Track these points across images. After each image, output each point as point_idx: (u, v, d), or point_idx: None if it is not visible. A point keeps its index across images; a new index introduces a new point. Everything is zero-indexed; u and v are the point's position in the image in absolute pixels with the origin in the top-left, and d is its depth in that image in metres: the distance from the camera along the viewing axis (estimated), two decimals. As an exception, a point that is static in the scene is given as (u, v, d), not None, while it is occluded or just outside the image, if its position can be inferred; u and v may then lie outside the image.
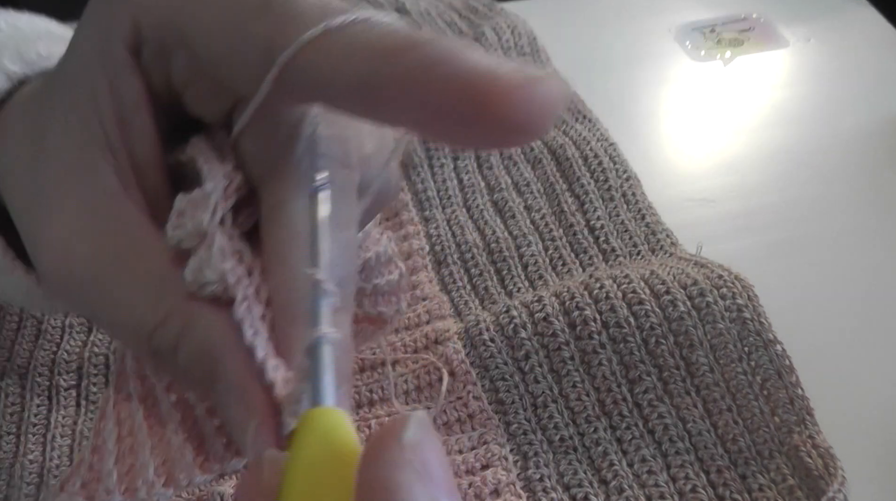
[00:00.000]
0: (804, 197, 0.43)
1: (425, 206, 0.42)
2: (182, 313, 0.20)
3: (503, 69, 0.16)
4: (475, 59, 0.16)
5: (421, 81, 0.17)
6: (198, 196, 0.20)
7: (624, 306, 0.32)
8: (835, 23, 0.56)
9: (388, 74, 0.17)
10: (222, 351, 0.20)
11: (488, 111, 0.16)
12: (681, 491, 0.29)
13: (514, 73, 0.16)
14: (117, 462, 0.21)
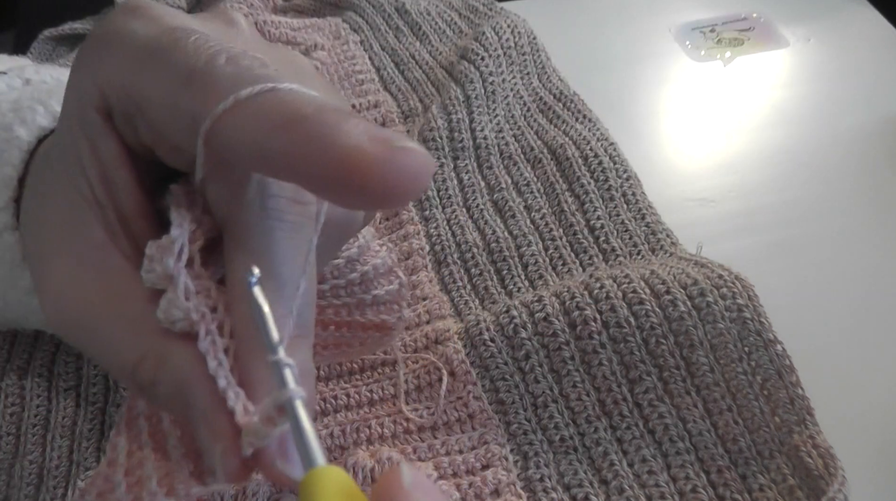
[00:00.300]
0: (804, 197, 0.43)
1: (425, 206, 0.42)
2: (157, 351, 0.22)
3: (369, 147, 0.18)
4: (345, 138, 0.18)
5: (301, 156, 0.18)
6: (165, 242, 0.22)
7: (624, 306, 0.32)
8: (835, 23, 0.56)
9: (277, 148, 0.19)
10: (191, 382, 0.21)
11: (355, 185, 0.18)
12: (681, 491, 0.29)
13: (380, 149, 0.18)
14: (126, 475, 0.23)
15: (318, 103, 0.19)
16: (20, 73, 0.35)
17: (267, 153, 0.19)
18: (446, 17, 0.56)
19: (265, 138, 0.19)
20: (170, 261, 0.22)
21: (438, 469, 0.30)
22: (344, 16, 0.58)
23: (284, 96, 0.20)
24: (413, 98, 0.50)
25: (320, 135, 0.18)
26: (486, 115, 0.46)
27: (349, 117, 0.19)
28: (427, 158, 0.18)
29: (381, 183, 0.18)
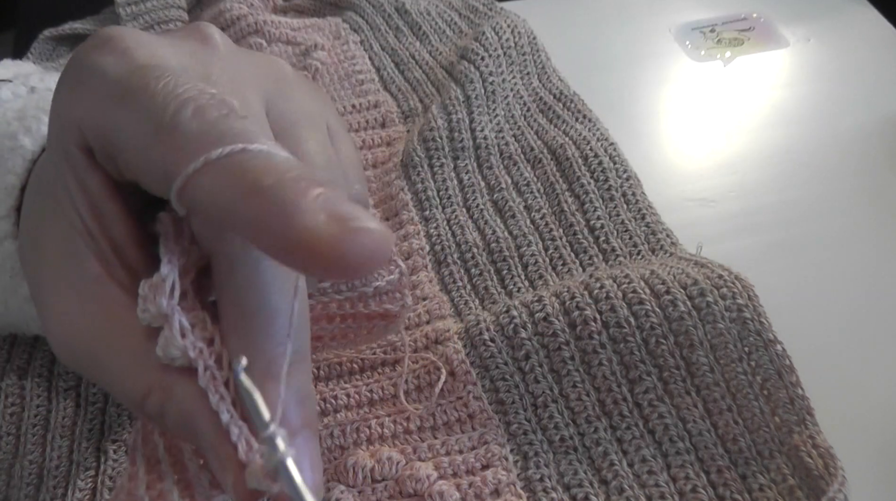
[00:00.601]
0: (804, 197, 0.43)
1: (425, 206, 0.42)
2: (161, 386, 0.22)
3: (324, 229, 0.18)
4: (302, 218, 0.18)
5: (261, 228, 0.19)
6: (156, 281, 0.22)
7: (624, 306, 0.32)
8: (835, 23, 0.56)
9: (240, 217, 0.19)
10: (197, 417, 0.22)
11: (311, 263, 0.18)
12: (681, 491, 0.29)
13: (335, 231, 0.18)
14: (148, 489, 0.24)
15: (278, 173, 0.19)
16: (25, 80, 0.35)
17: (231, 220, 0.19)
18: (446, 17, 0.56)
19: (230, 205, 0.19)
20: (162, 301, 0.22)
21: (438, 469, 0.30)
22: (344, 16, 0.58)
23: (248, 162, 0.19)
24: (413, 98, 0.50)
25: (278, 212, 0.18)
26: (486, 115, 0.46)
27: (308, 189, 0.19)
28: (383, 236, 0.18)
29: (338, 262, 0.18)
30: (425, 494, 0.29)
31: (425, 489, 0.29)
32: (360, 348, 0.35)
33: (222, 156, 0.20)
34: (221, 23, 0.54)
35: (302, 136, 0.26)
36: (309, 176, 0.19)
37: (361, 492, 0.30)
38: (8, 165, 0.30)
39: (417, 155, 0.44)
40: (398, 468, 0.30)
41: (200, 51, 0.26)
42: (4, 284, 0.31)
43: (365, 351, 0.35)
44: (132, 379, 0.23)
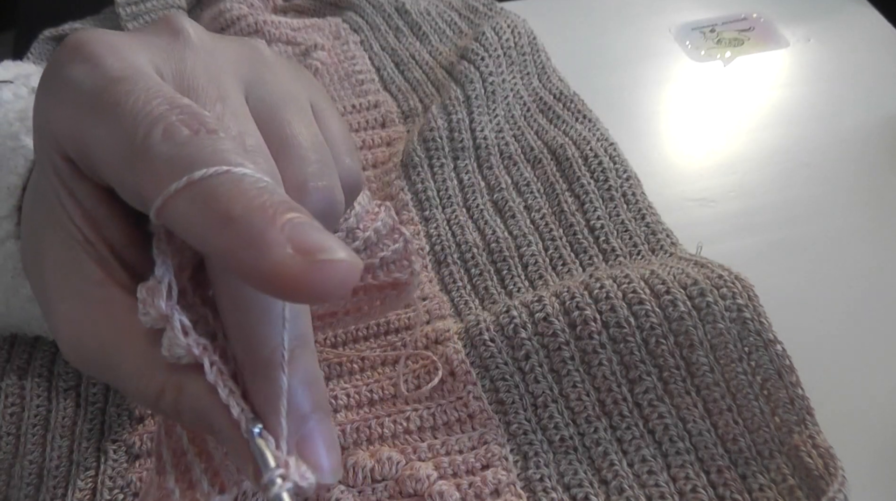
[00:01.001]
0: (804, 197, 0.43)
1: (425, 206, 0.42)
2: (172, 385, 0.23)
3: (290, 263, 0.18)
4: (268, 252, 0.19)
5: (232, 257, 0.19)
6: (152, 284, 0.22)
7: (624, 306, 0.32)
8: (835, 23, 0.56)
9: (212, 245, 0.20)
10: (211, 411, 0.22)
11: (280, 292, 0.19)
12: (681, 491, 0.29)
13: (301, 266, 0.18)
14: (178, 481, 0.24)
15: (246, 200, 0.20)
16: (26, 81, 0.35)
17: (205, 246, 0.20)
18: (446, 17, 0.56)
19: (202, 233, 0.20)
20: (161, 302, 0.22)
21: (438, 469, 0.30)
22: (344, 16, 0.58)
23: (217, 189, 0.20)
24: (413, 98, 0.50)
25: (247, 246, 0.19)
26: (486, 115, 0.46)
27: (275, 217, 0.19)
28: (349, 265, 0.19)
29: (305, 294, 0.19)
30: (425, 494, 0.29)
31: (425, 489, 0.29)
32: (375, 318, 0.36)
33: (188, 184, 0.20)
34: (221, 23, 0.54)
35: (285, 118, 0.26)
36: (277, 202, 0.20)
37: (361, 492, 0.30)
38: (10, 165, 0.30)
39: (417, 155, 0.44)
40: (398, 468, 0.30)
41: (172, 46, 0.25)
42: (6, 284, 0.31)
43: (365, 351, 0.35)
44: (144, 380, 0.23)
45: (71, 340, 0.24)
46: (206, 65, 0.25)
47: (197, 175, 0.20)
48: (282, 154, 0.25)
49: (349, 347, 0.36)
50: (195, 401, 0.22)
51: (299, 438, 0.22)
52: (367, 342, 0.36)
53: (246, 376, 0.23)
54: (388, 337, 0.36)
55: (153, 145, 0.21)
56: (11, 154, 0.30)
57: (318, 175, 0.25)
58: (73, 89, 0.23)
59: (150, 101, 0.22)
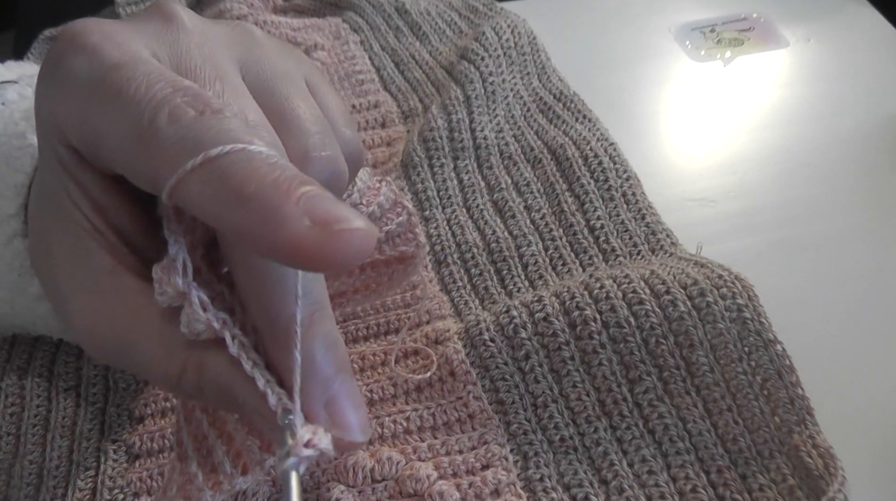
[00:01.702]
0: (804, 197, 0.43)
1: (425, 206, 0.42)
2: (193, 362, 0.23)
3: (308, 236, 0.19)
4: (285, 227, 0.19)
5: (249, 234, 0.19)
6: (167, 263, 0.23)
7: (624, 306, 0.32)
8: (835, 23, 0.56)
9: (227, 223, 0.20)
10: (234, 385, 0.22)
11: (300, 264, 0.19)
12: (681, 491, 0.29)
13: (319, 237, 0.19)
14: (200, 466, 0.24)
15: (259, 177, 0.20)
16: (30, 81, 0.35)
17: (220, 224, 0.20)
18: (446, 17, 0.56)
19: (217, 212, 0.20)
20: (178, 280, 0.22)
21: (438, 469, 0.30)
22: (344, 16, 0.58)
23: (229, 168, 0.20)
24: (413, 98, 0.50)
25: (263, 221, 0.19)
26: (486, 115, 0.46)
27: (290, 192, 0.19)
28: (366, 233, 0.19)
29: (325, 263, 0.19)
30: (425, 494, 0.29)
31: (425, 489, 0.29)
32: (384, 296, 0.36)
33: (201, 163, 0.20)
34: (221, 23, 0.54)
35: (282, 93, 0.26)
36: (290, 176, 0.20)
37: (361, 492, 0.30)
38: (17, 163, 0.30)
39: (417, 155, 0.44)
40: (398, 468, 0.30)
41: (167, 31, 0.26)
42: (13, 282, 0.31)
43: (365, 351, 0.35)
44: (164, 362, 0.23)
45: (87, 331, 0.24)
46: (200, 46, 0.25)
47: (213, 153, 0.20)
48: (282, 128, 0.25)
49: (349, 347, 0.36)
50: (218, 377, 0.23)
51: (327, 400, 0.23)
52: (368, 342, 0.36)
53: (268, 345, 0.23)
54: (388, 337, 0.36)
55: (160, 129, 0.21)
56: (18, 153, 0.30)
57: (321, 146, 0.25)
58: (73, 80, 0.23)
59: (153, 85, 0.22)
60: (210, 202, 0.20)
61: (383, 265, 0.30)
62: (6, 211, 0.30)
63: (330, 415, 0.23)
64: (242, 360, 0.22)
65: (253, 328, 0.23)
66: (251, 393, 0.22)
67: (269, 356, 0.23)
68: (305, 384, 0.22)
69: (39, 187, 0.27)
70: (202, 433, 0.25)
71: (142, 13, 0.26)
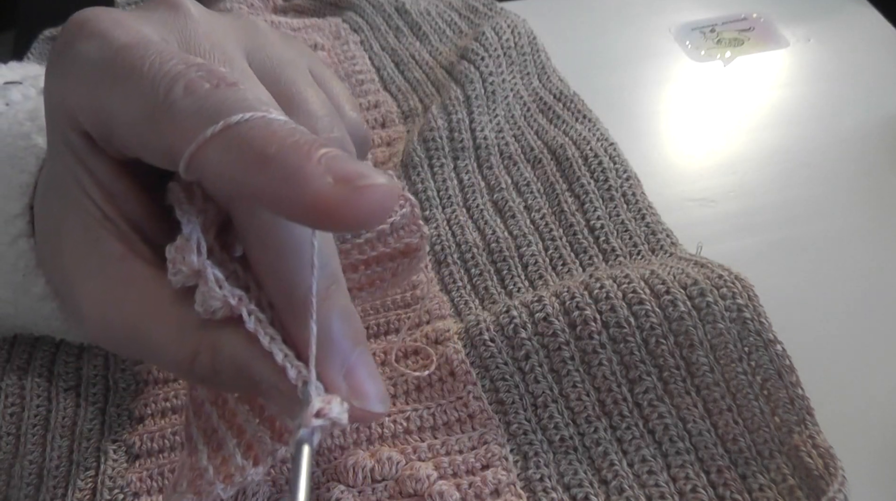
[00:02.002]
0: (804, 197, 0.43)
1: (425, 206, 0.42)
2: (206, 344, 0.23)
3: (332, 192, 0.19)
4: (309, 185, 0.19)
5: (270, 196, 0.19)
6: (181, 243, 0.23)
7: (624, 306, 0.32)
8: (835, 23, 0.56)
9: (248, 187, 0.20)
10: (251, 362, 0.22)
11: (325, 222, 0.19)
12: (681, 491, 0.29)
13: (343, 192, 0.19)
14: (210, 459, 0.24)
15: (279, 139, 0.20)
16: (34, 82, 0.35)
17: (240, 191, 0.20)
18: (446, 17, 0.56)
19: (237, 177, 0.20)
20: (192, 258, 0.22)
21: (438, 469, 0.30)
22: (344, 16, 0.58)
23: (248, 133, 0.20)
24: (413, 98, 0.50)
25: (286, 180, 0.19)
26: (486, 115, 0.46)
27: (311, 153, 0.19)
28: (389, 188, 0.19)
29: (350, 220, 0.19)
30: (425, 494, 0.29)
31: (425, 489, 0.29)
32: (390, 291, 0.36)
33: (221, 130, 0.20)
34: (221, 23, 0.54)
35: (289, 79, 0.27)
36: (310, 139, 0.20)
37: (361, 492, 0.30)
38: (22, 163, 0.30)
39: (417, 155, 0.44)
40: (398, 468, 0.30)
41: (173, 19, 0.26)
42: (17, 283, 0.31)
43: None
44: (176, 347, 0.23)
45: (96, 319, 0.24)
46: (207, 34, 0.26)
47: (233, 120, 0.20)
48: (290, 112, 0.25)
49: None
50: (233, 356, 0.23)
51: (346, 371, 0.23)
52: (368, 342, 0.36)
53: (284, 319, 0.23)
54: (388, 337, 0.36)
55: (176, 101, 0.21)
56: (23, 153, 0.30)
57: (329, 128, 0.25)
58: (83, 63, 0.23)
59: (166, 62, 0.22)
60: (230, 168, 0.20)
61: (388, 259, 0.31)
62: (11, 211, 0.30)
63: (348, 385, 0.23)
64: (260, 335, 0.22)
65: (269, 304, 0.23)
66: (269, 369, 0.22)
67: (285, 331, 0.23)
68: (324, 357, 0.22)
69: (48, 178, 0.27)
70: (212, 426, 0.25)
71: (148, 3, 0.27)
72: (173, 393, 0.34)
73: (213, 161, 0.20)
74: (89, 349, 0.37)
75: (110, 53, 0.23)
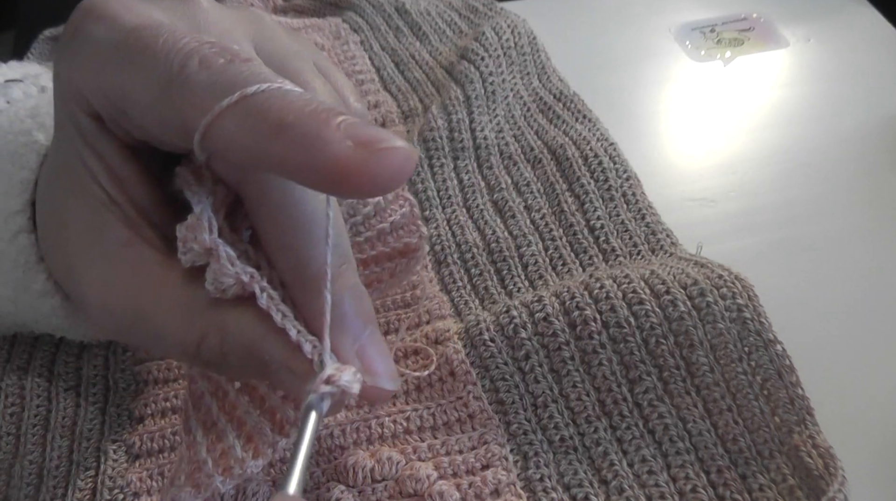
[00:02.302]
0: (804, 197, 0.43)
1: (425, 206, 0.42)
2: (215, 325, 0.23)
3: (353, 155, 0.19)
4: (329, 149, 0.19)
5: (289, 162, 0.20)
6: (192, 221, 0.23)
7: (624, 306, 0.32)
8: (835, 23, 0.56)
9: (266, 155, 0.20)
10: (262, 341, 0.22)
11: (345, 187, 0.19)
12: (681, 491, 0.29)
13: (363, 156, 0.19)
14: (209, 451, 0.24)
15: (296, 108, 0.20)
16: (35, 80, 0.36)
17: (258, 159, 0.20)
18: (446, 17, 0.56)
19: (256, 146, 0.20)
20: (204, 236, 0.22)
21: (438, 469, 0.30)
22: (344, 16, 0.58)
23: (265, 102, 0.20)
24: (413, 98, 0.50)
25: (306, 146, 0.19)
26: (486, 115, 0.46)
27: (329, 120, 0.20)
28: (409, 152, 0.19)
29: (369, 183, 0.19)
30: (425, 494, 0.29)
31: (425, 489, 0.29)
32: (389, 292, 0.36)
33: (238, 100, 0.20)
34: (221, 23, 0.54)
35: (296, 68, 0.27)
36: (327, 107, 0.20)
37: (361, 492, 0.30)
38: (22, 160, 0.30)
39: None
40: (398, 468, 0.30)
41: (182, 7, 0.26)
42: (17, 279, 0.31)
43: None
44: (183, 330, 0.23)
45: (101, 305, 0.24)
46: (216, 22, 0.26)
47: (250, 90, 0.20)
48: None
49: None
50: (243, 336, 0.23)
51: (358, 348, 0.23)
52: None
53: (296, 296, 0.23)
54: (388, 337, 0.36)
55: (191, 75, 0.21)
56: (24, 150, 0.30)
57: None
58: (94, 45, 0.23)
59: (179, 39, 0.22)
60: (247, 137, 0.20)
61: (386, 259, 0.31)
62: (12, 207, 0.30)
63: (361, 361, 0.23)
64: (272, 311, 0.22)
65: (280, 283, 0.23)
66: (280, 347, 0.22)
67: (297, 305, 0.23)
68: (337, 334, 0.23)
69: (53, 165, 0.27)
70: (211, 419, 0.25)
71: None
72: (173, 393, 0.34)
73: (230, 131, 0.20)
74: (89, 349, 0.37)
75: (122, 34, 0.23)
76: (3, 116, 0.32)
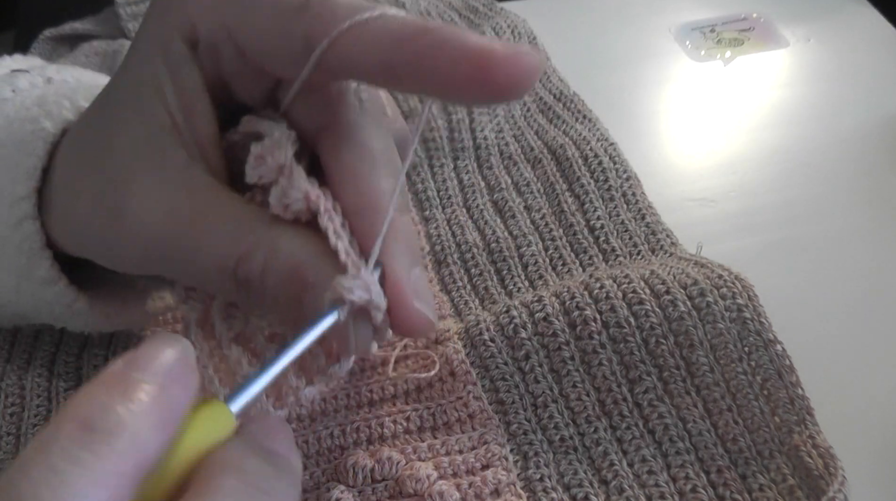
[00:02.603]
0: (804, 197, 0.43)
1: (425, 206, 0.42)
2: (266, 243, 0.24)
3: (495, 45, 0.21)
4: (473, 39, 0.21)
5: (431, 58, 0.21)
6: (269, 142, 0.24)
7: (624, 306, 0.32)
8: (835, 23, 0.56)
9: (402, 59, 0.22)
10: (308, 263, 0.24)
11: (484, 77, 0.21)
12: (681, 491, 0.29)
13: (504, 48, 0.21)
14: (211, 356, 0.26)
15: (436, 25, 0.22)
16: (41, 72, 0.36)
17: (391, 64, 0.22)
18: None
19: (390, 52, 0.22)
20: (281, 153, 0.24)
21: (438, 468, 0.30)
22: (344, 16, 0.58)
23: (404, 18, 0.22)
24: (413, 98, 0.50)
25: (449, 41, 0.21)
26: (486, 115, 0.46)
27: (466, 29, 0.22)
28: (540, 58, 0.21)
29: (506, 77, 0.21)
30: (425, 494, 0.29)
31: (425, 489, 0.29)
32: None
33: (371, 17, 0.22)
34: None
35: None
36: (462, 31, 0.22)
37: (361, 492, 0.30)
38: (29, 148, 0.30)
39: (417, 155, 0.44)
40: (398, 468, 0.30)
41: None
42: (21, 266, 0.31)
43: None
44: (226, 244, 0.24)
45: (142, 213, 0.25)
46: None
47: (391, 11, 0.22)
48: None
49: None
50: (292, 256, 0.24)
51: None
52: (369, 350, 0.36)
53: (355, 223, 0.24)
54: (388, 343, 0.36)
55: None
56: (31, 137, 0.30)
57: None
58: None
59: None
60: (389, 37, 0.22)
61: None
62: (18, 194, 0.30)
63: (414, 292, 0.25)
64: (329, 232, 0.23)
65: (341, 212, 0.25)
66: (325, 271, 0.23)
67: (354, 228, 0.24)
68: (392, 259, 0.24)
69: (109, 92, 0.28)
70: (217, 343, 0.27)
71: None
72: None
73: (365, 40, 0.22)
74: (89, 348, 0.37)
75: None
76: (10, 105, 0.32)
